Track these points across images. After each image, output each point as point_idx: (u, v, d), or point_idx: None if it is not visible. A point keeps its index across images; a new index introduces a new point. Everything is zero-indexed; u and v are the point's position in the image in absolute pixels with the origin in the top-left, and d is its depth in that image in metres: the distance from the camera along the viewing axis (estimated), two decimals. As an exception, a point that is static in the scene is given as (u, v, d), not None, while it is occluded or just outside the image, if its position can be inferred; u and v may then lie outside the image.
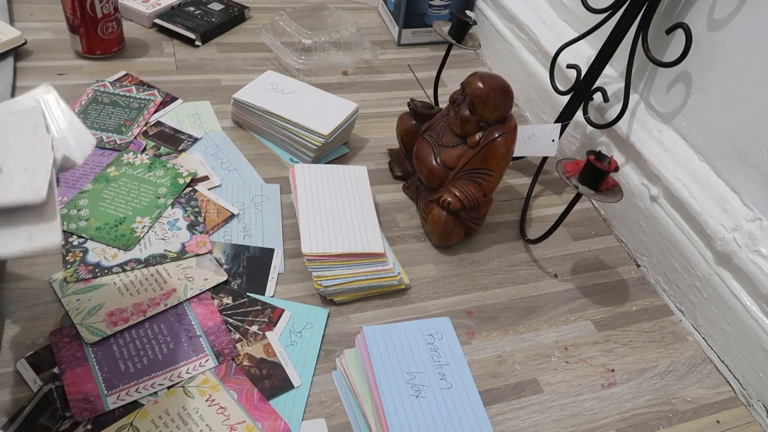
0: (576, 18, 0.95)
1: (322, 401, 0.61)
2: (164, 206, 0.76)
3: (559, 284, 0.78)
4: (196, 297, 0.67)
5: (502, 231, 0.84)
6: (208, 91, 0.98)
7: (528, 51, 1.05)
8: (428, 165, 0.78)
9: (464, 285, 0.76)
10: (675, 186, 0.75)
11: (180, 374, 0.60)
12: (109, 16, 0.96)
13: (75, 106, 0.88)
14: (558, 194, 0.92)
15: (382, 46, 1.17)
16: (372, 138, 0.95)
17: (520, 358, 0.68)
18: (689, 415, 0.66)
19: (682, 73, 0.76)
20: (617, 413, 0.65)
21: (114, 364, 0.60)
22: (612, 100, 0.84)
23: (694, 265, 0.74)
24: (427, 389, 0.59)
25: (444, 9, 1.18)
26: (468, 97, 0.73)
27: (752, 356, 0.67)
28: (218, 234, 0.75)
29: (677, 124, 0.78)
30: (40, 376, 0.58)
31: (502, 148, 0.73)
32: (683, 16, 0.74)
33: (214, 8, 1.15)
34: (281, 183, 0.84)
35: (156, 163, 0.81)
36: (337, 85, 1.05)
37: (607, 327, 0.74)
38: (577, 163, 0.69)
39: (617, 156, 0.85)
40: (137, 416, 0.56)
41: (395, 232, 0.80)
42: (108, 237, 0.71)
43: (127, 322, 0.63)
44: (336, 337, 0.67)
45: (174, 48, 1.06)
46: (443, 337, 0.65)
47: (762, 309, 0.66)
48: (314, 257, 0.69)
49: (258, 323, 0.66)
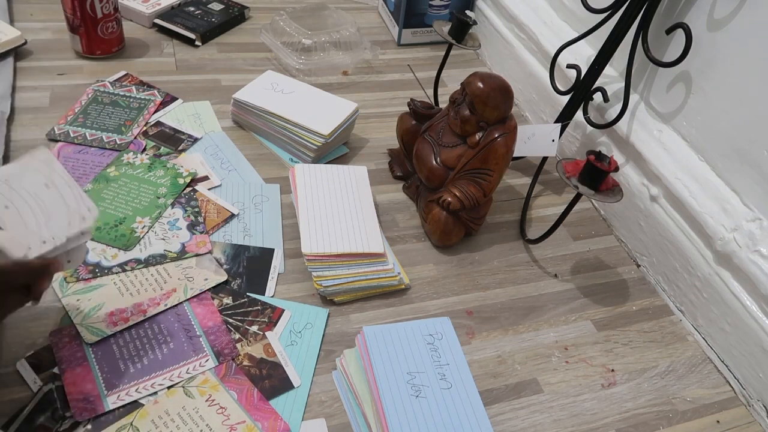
0: (576, 18, 0.95)
1: (322, 401, 0.61)
2: (164, 206, 0.76)
3: (559, 284, 0.78)
4: (196, 297, 0.67)
5: (502, 231, 0.84)
6: (208, 91, 0.98)
7: (528, 51, 1.05)
8: (428, 165, 0.78)
9: (464, 285, 0.76)
10: (675, 186, 0.75)
11: (180, 374, 0.60)
12: (109, 16, 0.96)
13: (75, 106, 0.88)
14: (558, 194, 0.92)
15: (382, 46, 1.17)
16: (372, 138, 0.95)
17: (520, 358, 0.68)
18: (689, 415, 0.66)
19: (682, 73, 0.76)
20: (617, 413, 0.65)
21: (114, 364, 0.60)
22: (612, 100, 0.84)
23: (694, 265, 0.74)
24: (427, 389, 0.59)
25: (444, 9, 1.18)
26: (468, 97, 0.73)
27: (752, 356, 0.67)
28: (218, 234, 0.75)
29: (677, 124, 0.78)
30: (40, 376, 0.58)
31: (502, 148, 0.73)
32: (683, 16, 0.74)
33: (214, 8, 1.14)
34: (281, 183, 0.84)
35: (156, 163, 0.81)
36: (337, 85, 1.05)
37: (607, 327, 0.74)
38: (577, 163, 0.69)
39: (617, 156, 0.85)
40: (137, 416, 0.56)
41: (395, 232, 0.80)
42: (108, 237, 0.71)
43: (127, 322, 0.63)
44: (336, 337, 0.67)
45: (174, 48, 1.06)
46: (443, 337, 0.65)
47: (762, 309, 0.66)
48: (314, 257, 0.69)
49: (258, 323, 0.66)
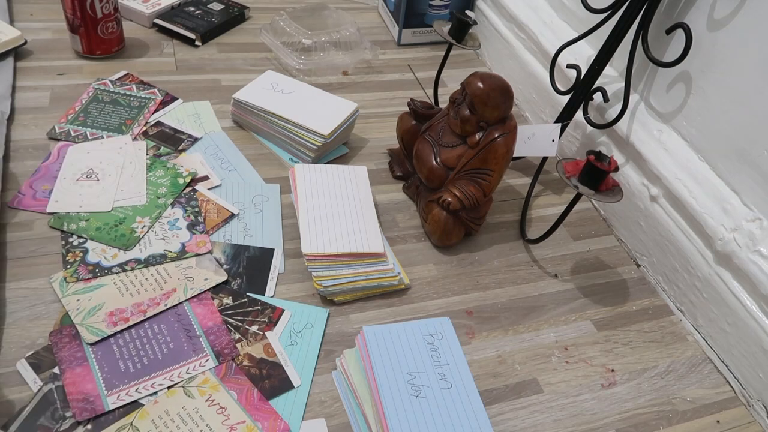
0: (576, 18, 0.95)
1: (322, 401, 0.61)
2: (164, 206, 0.76)
3: (559, 284, 0.78)
4: (196, 297, 0.67)
5: (502, 231, 0.84)
6: (208, 91, 0.98)
7: (528, 51, 1.05)
8: (428, 165, 0.78)
9: (464, 285, 0.76)
10: (675, 186, 0.75)
11: (180, 374, 0.60)
12: (109, 16, 0.96)
13: (76, 105, 0.88)
14: (558, 194, 0.92)
15: (382, 46, 1.17)
16: (372, 138, 0.95)
17: (520, 358, 0.68)
18: (689, 415, 0.66)
19: (682, 73, 0.76)
20: (617, 413, 0.65)
21: (114, 364, 0.60)
22: (612, 100, 0.84)
23: (694, 265, 0.74)
24: (427, 389, 0.59)
25: (444, 9, 1.18)
26: (468, 97, 0.73)
27: (752, 356, 0.67)
28: (218, 234, 0.75)
29: (677, 124, 0.78)
30: (40, 376, 0.58)
31: (502, 148, 0.73)
32: (683, 16, 0.74)
33: (214, 8, 1.14)
34: (281, 183, 0.84)
35: (156, 162, 0.81)
36: (337, 85, 1.05)
37: (607, 327, 0.74)
38: (577, 163, 0.69)
39: (617, 156, 0.85)
40: (137, 416, 0.56)
41: (395, 232, 0.80)
42: (108, 237, 0.71)
43: (127, 322, 0.63)
44: (336, 337, 0.67)
45: (174, 48, 1.06)
46: (443, 337, 0.65)
47: (762, 309, 0.66)
48: (314, 257, 0.69)
49: (258, 323, 0.66)
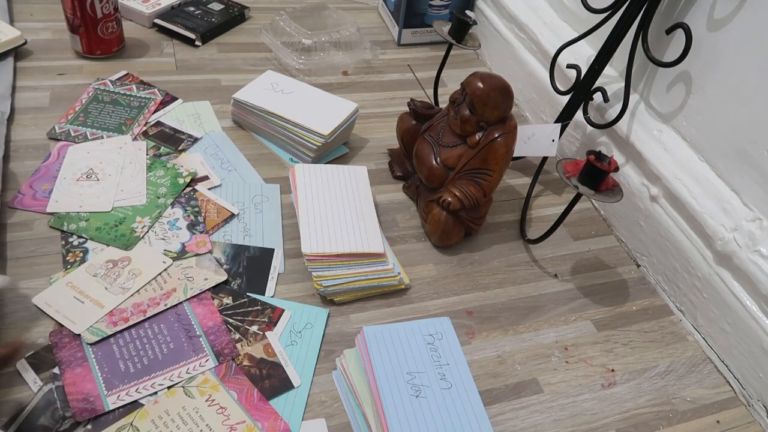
0: (576, 18, 0.95)
1: (322, 401, 0.61)
2: (164, 206, 0.76)
3: (559, 284, 0.78)
4: (196, 297, 0.67)
5: (502, 231, 0.84)
6: (208, 91, 0.98)
7: (528, 51, 1.05)
8: (428, 165, 0.78)
9: (464, 285, 0.76)
10: (675, 186, 0.75)
11: (180, 374, 0.60)
12: (109, 16, 0.96)
13: (76, 105, 0.88)
14: (558, 194, 0.92)
15: (382, 46, 1.17)
16: (372, 138, 0.95)
17: (520, 358, 0.68)
18: (689, 415, 0.66)
19: (682, 73, 0.76)
20: (617, 413, 0.65)
21: (114, 364, 0.60)
22: (612, 100, 0.84)
23: (694, 265, 0.74)
24: (427, 389, 0.59)
25: (444, 9, 1.18)
26: (468, 97, 0.73)
27: (752, 356, 0.67)
28: (218, 234, 0.75)
29: (677, 124, 0.78)
30: (40, 376, 0.58)
31: (502, 148, 0.73)
32: (683, 16, 0.74)
33: (214, 8, 1.14)
34: (281, 183, 0.84)
35: (156, 162, 0.81)
36: (337, 85, 1.05)
37: (607, 327, 0.74)
38: (577, 163, 0.69)
39: (617, 156, 0.85)
40: (137, 416, 0.56)
41: (395, 232, 0.80)
42: (108, 237, 0.71)
43: (127, 322, 0.63)
44: (336, 337, 0.67)
45: (174, 48, 1.06)
46: (443, 337, 0.65)
47: (762, 309, 0.66)
48: (314, 257, 0.69)
49: (258, 323, 0.66)
